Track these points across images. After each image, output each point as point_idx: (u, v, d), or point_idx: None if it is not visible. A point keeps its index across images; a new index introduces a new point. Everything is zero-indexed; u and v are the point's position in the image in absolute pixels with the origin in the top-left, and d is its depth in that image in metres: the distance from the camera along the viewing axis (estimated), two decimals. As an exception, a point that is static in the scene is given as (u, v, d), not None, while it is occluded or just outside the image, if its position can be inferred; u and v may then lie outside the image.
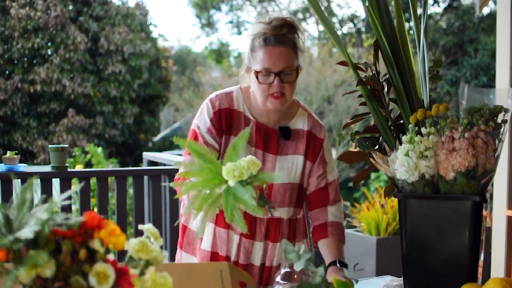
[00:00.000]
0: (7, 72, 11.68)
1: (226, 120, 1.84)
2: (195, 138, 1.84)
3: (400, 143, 1.54)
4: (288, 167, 1.87)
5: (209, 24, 18.78)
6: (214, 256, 1.88)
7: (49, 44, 11.82)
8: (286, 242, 1.42)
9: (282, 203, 1.87)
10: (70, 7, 12.14)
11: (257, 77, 1.76)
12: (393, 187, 1.64)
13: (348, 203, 7.96)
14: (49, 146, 3.48)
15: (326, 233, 1.87)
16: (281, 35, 1.76)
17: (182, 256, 1.96)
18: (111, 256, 0.87)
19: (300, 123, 1.90)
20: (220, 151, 1.83)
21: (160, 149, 14.08)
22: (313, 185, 1.91)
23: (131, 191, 4.87)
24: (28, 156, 11.65)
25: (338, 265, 1.77)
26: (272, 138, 1.87)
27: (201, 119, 1.85)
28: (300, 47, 1.81)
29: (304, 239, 1.99)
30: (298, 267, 1.35)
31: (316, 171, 1.90)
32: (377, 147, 1.71)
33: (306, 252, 1.37)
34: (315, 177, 1.90)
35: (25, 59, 11.72)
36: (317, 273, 1.35)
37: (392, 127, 1.68)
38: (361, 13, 15.92)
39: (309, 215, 1.95)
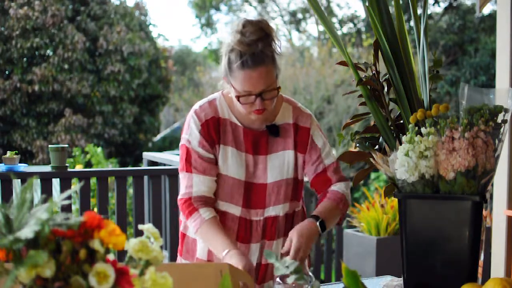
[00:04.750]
0: (6, 72, 11.68)
1: (215, 130, 1.82)
2: (188, 154, 1.82)
3: (400, 143, 1.54)
4: (279, 164, 1.86)
5: (209, 24, 18.78)
6: None
7: (48, 43, 11.82)
8: (268, 253, 1.43)
9: (278, 200, 1.87)
10: (69, 7, 12.14)
11: (238, 100, 1.74)
12: (393, 187, 1.63)
13: (348, 203, 7.96)
14: (49, 146, 3.48)
15: (324, 198, 1.88)
16: (258, 53, 1.69)
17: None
18: (111, 256, 0.87)
19: (285, 118, 1.89)
20: (217, 162, 1.82)
21: (160, 149, 14.10)
22: (310, 173, 1.90)
23: (131, 191, 4.87)
24: (27, 156, 11.65)
25: (316, 222, 1.76)
26: (261, 139, 1.86)
27: (191, 133, 1.83)
28: (278, 51, 1.76)
29: None
30: (290, 280, 1.37)
31: (309, 159, 1.89)
32: (377, 147, 1.71)
33: (293, 264, 1.38)
34: (309, 164, 1.89)
35: (24, 59, 11.72)
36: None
37: (392, 127, 1.68)
38: (361, 13, 15.94)
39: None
